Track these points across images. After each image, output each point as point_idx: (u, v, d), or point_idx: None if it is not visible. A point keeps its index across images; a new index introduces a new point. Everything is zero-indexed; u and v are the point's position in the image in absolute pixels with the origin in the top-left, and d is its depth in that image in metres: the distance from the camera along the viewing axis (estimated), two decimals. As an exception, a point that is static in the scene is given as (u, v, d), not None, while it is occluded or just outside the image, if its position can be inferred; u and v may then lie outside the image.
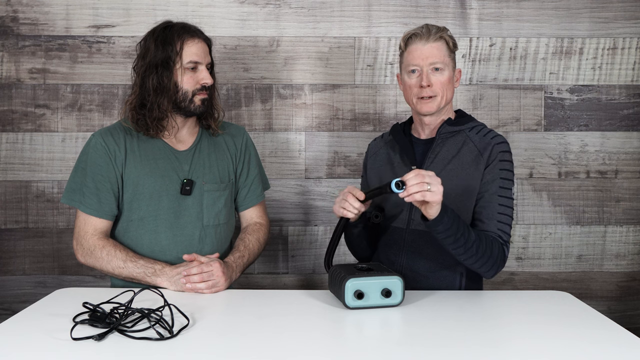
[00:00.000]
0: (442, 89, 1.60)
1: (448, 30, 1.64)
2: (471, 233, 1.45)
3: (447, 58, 1.60)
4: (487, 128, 1.66)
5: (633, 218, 2.34)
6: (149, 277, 1.58)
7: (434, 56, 1.58)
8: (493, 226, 1.54)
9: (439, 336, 1.20)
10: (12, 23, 2.24)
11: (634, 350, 1.14)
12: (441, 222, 1.40)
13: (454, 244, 1.44)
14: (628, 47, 2.30)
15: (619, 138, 2.32)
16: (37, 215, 2.28)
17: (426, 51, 1.58)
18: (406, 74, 1.63)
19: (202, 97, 1.68)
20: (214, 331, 1.24)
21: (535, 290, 1.65)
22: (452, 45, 1.62)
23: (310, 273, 2.34)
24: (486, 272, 1.52)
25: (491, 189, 1.56)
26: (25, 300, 2.27)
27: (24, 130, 2.26)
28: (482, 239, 1.48)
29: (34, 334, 1.20)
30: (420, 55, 1.59)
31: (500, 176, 1.56)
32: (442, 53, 1.59)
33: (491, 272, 1.52)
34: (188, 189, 1.68)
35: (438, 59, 1.59)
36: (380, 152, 1.77)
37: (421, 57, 1.59)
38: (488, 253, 1.48)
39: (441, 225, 1.40)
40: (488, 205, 1.55)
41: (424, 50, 1.59)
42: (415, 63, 1.60)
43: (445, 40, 1.60)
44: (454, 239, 1.43)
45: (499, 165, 1.57)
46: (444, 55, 1.60)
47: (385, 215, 1.68)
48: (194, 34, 1.67)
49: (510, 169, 1.58)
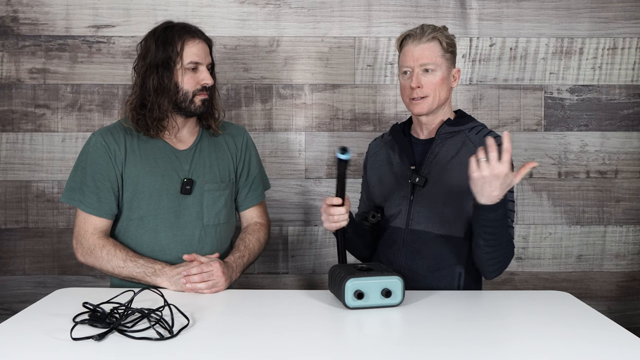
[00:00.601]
0: (433, 89, 1.60)
1: (446, 30, 1.63)
2: (506, 233, 1.47)
3: (439, 59, 1.60)
4: (487, 129, 1.65)
5: (633, 218, 2.34)
6: (149, 277, 1.58)
7: (424, 57, 1.59)
8: None
9: (439, 336, 1.20)
10: (12, 23, 2.24)
11: (634, 350, 1.14)
12: (497, 210, 1.40)
13: (493, 235, 1.45)
14: (628, 47, 2.30)
15: (619, 138, 2.32)
16: (37, 215, 2.28)
17: (417, 52, 1.59)
18: (400, 74, 1.65)
19: (203, 98, 1.68)
20: (214, 331, 1.24)
21: (535, 290, 1.65)
22: (447, 45, 1.61)
23: (310, 273, 2.34)
24: (491, 273, 1.53)
25: None
26: (25, 300, 2.27)
27: (24, 130, 2.26)
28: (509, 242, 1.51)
29: (34, 334, 1.20)
30: (411, 57, 1.60)
31: None
32: (434, 54, 1.59)
33: (495, 273, 1.53)
34: (188, 189, 1.68)
35: (429, 60, 1.59)
36: (379, 152, 1.78)
37: (412, 59, 1.60)
38: (507, 256, 1.51)
39: (494, 214, 1.40)
40: None
41: (415, 52, 1.59)
42: (406, 64, 1.61)
43: (438, 40, 1.60)
44: (496, 230, 1.44)
45: None
46: (436, 55, 1.59)
47: (384, 215, 1.69)
48: (194, 34, 1.67)
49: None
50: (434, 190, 1.60)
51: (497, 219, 1.41)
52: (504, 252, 1.49)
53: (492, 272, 1.53)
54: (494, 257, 1.49)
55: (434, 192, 1.59)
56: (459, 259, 1.59)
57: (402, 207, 1.64)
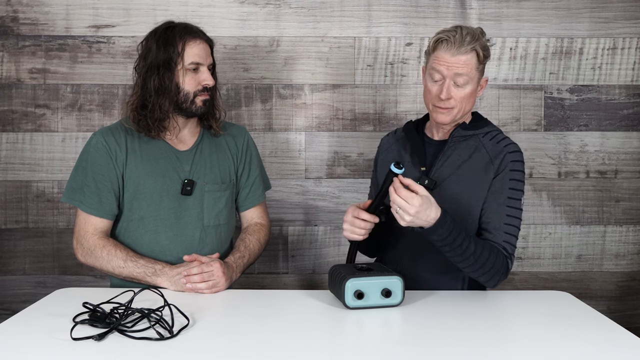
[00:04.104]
0: (461, 102, 1.53)
1: (483, 37, 1.53)
2: (471, 244, 1.43)
3: (473, 71, 1.51)
4: (502, 134, 1.61)
5: (633, 218, 2.34)
6: (149, 277, 1.58)
7: (459, 69, 1.49)
8: (499, 237, 1.51)
9: (439, 336, 1.20)
10: (12, 23, 2.24)
11: (634, 350, 1.14)
12: (435, 232, 1.39)
13: (450, 252, 1.43)
14: (628, 47, 2.30)
15: (618, 138, 2.32)
16: (37, 215, 2.28)
17: (452, 62, 1.49)
18: (429, 76, 1.55)
19: (204, 98, 1.67)
20: (214, 331, 1.24)
21: (535, 290, 1.66)
22: (483, 56, 1.52)
23: (310, 273, 2.34)
24: (486, 282, 1.51)
25: (499, 199, 1.52)
26: (25, 300, 2.27)
27: (24, 130, 2.26)
28: (485, 250, 1.45)
29: (34, 334, 1.20)
30: (445, 65, 1.50)
31: (509, 186, 1.53)
32: (470, 67, 1.50)
33: (491, 282, 1.50)
34: (189, 189, 1.68)
35: (464, 72, 1.50)
36: (391, 149, 1.73)
37: (446, 67, 1.50)
38: (489, 265, 1.46)
39: (435, 235, 1.39)
40: (495, 215, 1.52)
41: (450, 60, 1.49)
42: (439, 70, 1.51)
43: (476, 52, 1.50)
44: (449, 248, 1.42)
45: (509, 175, 1.53)
46: (471, 68, 1.50)
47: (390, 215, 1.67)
48: (196, 34, 1.67)
49: (520, 179, 1.55)
50: (442, 194, 1.55)
51: (443, 238, 1.40)
52: (480, 261, 1.44)
53: (485, 281, 1.50)
54: (469, 267, 1.46)
55: (442, 196, 1.54)
56: None
57: None
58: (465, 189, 1.55)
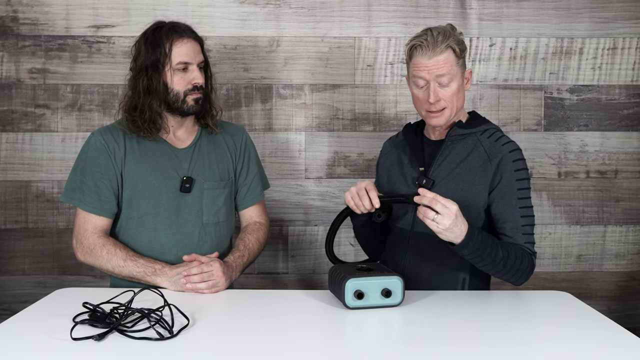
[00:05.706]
0: (451, 100, 1.54)
1: (455, 32, 1.55)
2: (499, 251, 1.45)
3: (454, 68, 1.52)
4: (499, 132, 1.62)
5: (633, 218, 2.34)
6: (149, 277, 1.58)
7: (440, 69, 1.50)
8: (519, 239, 1.53)
9: (439, 336, 1.20)
10: (12, 23, 2.24)
11: (634, 350, 1.14)
12: (466, 247, 1.41)
13: (480, 262, 1.46)
14: (628, 47, 2.30)
15: (618, 138, 2.32)
16: (37, 215, 2.28)
17: (431, 65, 1.51)
18: (413, 84, 1.57)
19: (195, 97, 1.67)
20: (214, 331, 1.24)
21: (535, 290, 1.65)
22: (460, 50, 1.53)
23: (310, 273, 2.34)
24: (515, 282, 1.53)
25: (511, 201, 1.53)
26: (25, 300, 2.27)
27: (24, 130, 2.26)
28: (512, 253, 1.48)
29: (34, 334, 1.20)
30: (425, 70, 1.51)
31: (517, 187, 1.54)
32: (449, 64, 1.51)
33: (519, 281, 1.52)
34: (187, 187, 1.68)
35: (445, 71, 1.51)
36: (392, 152, 1.75)
37: (427, 72, 1.51)
38: (516, 266, 1.48)
39: (466, 250, 1.41)
40: (511, 218, 1.53)
41: (429, 64, 1.51)
42: (421, 76, 1.53)
43: (451, 49, 1.51)
44: (480, 259, 1.44)
45: (514, 176, 1.54)
46: (451, 65, 1.52)
47: (391, 215, 1.67)
48: (183, 33, 1.66)
49: (525, 176, 1.56)
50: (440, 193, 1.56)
51: (473, 251, 1.42)
52: (508, 265, 1.47)
53: (514, 281, 1.52)
54: (499, 272, 1.49)
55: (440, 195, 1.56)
56: (464, 264, 1.56)
57: (408, 208, 1.62)
58: (463, 188, 1.56)
